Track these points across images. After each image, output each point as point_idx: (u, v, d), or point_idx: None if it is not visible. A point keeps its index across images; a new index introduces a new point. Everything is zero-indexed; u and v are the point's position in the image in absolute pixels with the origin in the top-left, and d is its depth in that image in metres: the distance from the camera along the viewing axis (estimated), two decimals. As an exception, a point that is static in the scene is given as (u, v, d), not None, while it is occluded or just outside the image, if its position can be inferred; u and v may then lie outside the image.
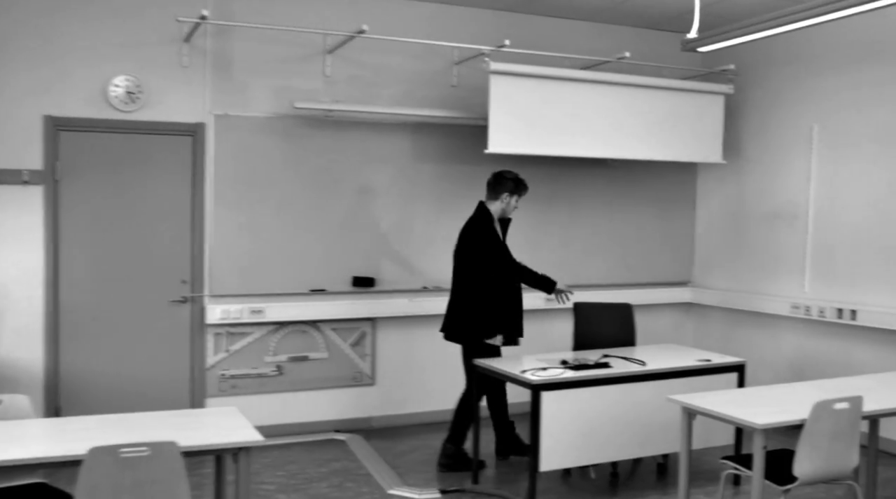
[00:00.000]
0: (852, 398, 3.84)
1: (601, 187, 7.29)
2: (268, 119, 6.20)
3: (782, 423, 3.80)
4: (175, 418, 3.86)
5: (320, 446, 6.15)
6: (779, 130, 6.86)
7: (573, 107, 6.45)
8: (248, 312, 6.16)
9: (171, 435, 3.36)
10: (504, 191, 5.47)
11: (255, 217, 6.19)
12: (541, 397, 4.74)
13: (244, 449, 3.51)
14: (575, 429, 4.87)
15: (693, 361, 5.28)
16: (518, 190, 5.49)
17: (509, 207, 5.50)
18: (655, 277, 7.58)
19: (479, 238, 5.41)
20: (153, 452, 3.15)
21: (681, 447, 4.27)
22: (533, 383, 4.73)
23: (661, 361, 5.25)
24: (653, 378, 5.07)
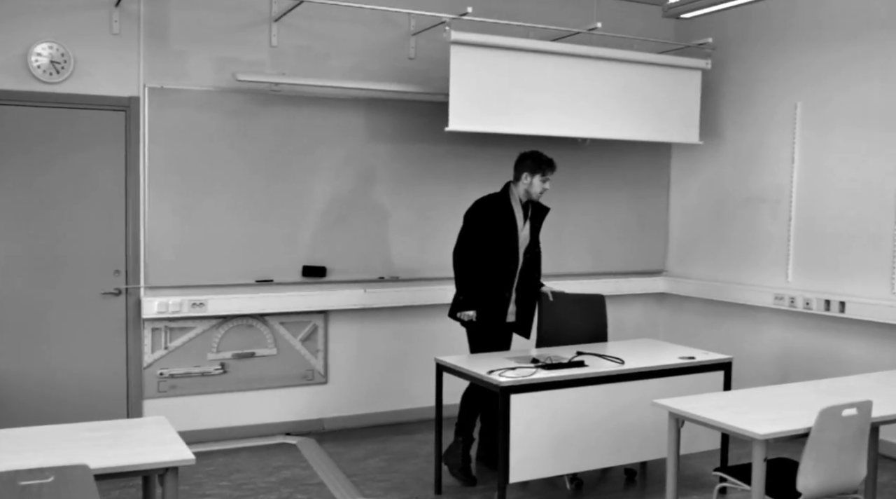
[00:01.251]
0: (861, 404, 3.43)
1: (570, 169, 6.82)
2: (208, 93, 5.64)
3: (785, 433, 3.38)
4: (92, 432, 3.31)
5: (269, 451, 5.64)
6: (759, 108, 6.45)
7: (540, 82, 5.98)
8: (189, 305, 5.62)
9: (85, 455, 2.90)
10: (523, 170, 5.05)
11: (196, 201, 5.64)
12: (510, 401, 4.28)
13: (172, 469, 2.99)
14: (547, 435, 4.42)
15: (675, 359, 4.84)
16: (539, 169, 5.01)
17: (533, 189, 5.04)
18: (627, 265, 7.15)
19: (469, 211, 5.13)
20: (59, 478, 2.63)
21: (668, 457, 3.83)
22: (501, 385, 4.27)
23: (639, 359, 4.80)
24: (632, 378, 4.63)
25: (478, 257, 5.03)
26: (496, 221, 5.04)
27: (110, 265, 5.51)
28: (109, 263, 5.51)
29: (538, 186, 5.04)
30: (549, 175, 5.04)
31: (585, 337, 5.39)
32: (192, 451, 2.83)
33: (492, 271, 5.05)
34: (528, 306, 5.23)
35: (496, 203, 5.08)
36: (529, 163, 5.04)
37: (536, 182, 5.03)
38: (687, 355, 4.90)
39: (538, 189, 5.04)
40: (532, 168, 5.02)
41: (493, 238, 5.03)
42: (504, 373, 4.37)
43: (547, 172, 5.04)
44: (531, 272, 5.23)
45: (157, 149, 5.52)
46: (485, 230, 5.03)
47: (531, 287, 5.25)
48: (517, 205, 5.09)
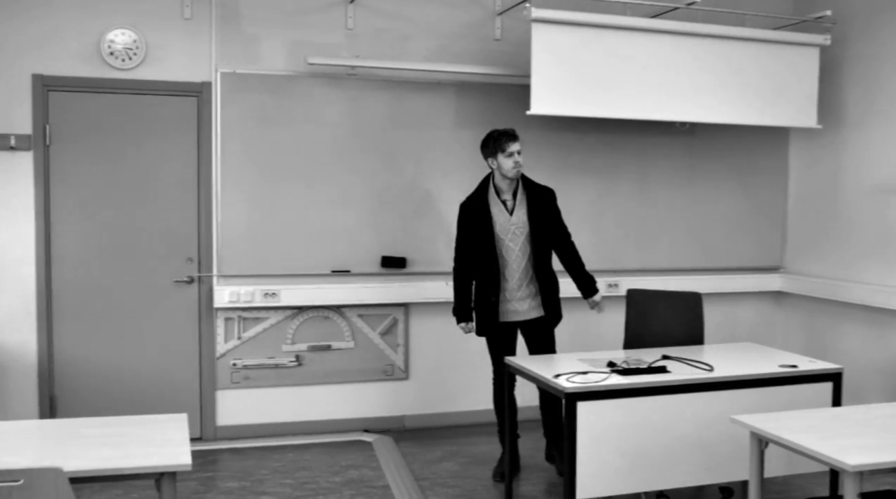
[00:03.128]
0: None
1: (672, 157, 6.30)
2: (282, 77, 5.46)
3: (883, 464, 2.86)
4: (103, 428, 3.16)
5: (342, 448, 5.43)
6: (886, 88, 5.73)
7: (634, 61, 5.49)
8: (261, 294, 5.46)
9: (80, 453, 2.79)
10: (486, 157, 4.75)
11: (269, 188, 5.47)
12: (576, 409, 3.88)
13: (168, 474, 2.78)
14: (621, 448, 3.98)
15: (774, 367, 4.29)
16: (498, 146, 4.65)
17: (504, 169, 4.66)
18: (738, 261, 6.54)
19: (457, 218, 4.88)
20: (29, 481, 2.45)
21: (750, 481, 3.36)
22: (567, 392, 3.87)
23: (733, 366, 4.29)
24: (721, 387, 4.12)
25: (465, 265, 4.82)
26: (473, 221, 4.74)
27: (183, 253, 5.42)
28: (182, 251, 5.42)
29: (507, 163, 4.64)
30: (512, 147, 4.62)
31: (678, 339, 4.89)
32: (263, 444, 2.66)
33: (479, 276, 4.81)
34: (545, 295, 4.80)
35: (472, 201, 4.78)
36: (488, 145, 4.71)
37: (503, 160, 4.65)
38: (789, 364, 4.35)
39: (509, 166, 4.63)
40: (492, 149, 4.67)
41: (473, 240, 4.75)
42: (572, 377, 3.98)
43: (507, 146, 4.62)
44: (563, 255, 4.92)
45: (230, 135, 5.38)
46: (466, 234, 4.79)
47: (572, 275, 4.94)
48: (495, 197, 4.73)
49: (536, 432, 5.11)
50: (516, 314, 4.79)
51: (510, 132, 4.65)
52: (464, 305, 4.83)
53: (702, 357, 4.43)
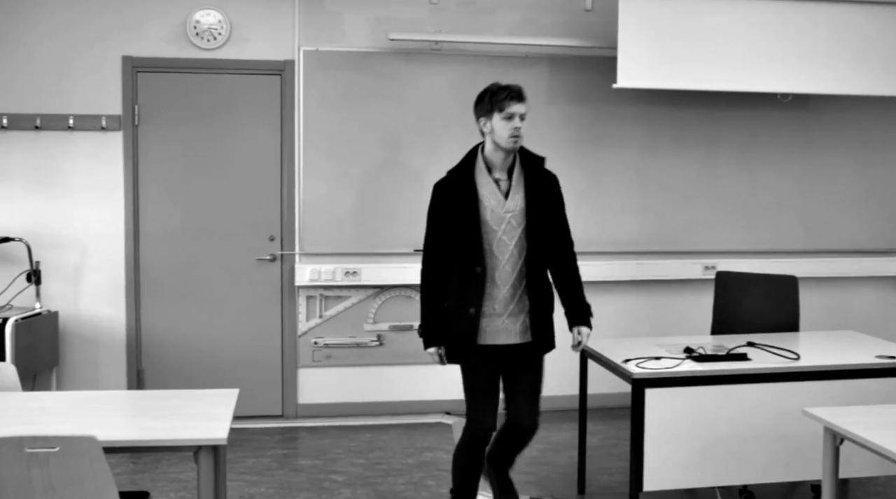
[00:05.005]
0: None
1: (777, 132, 5.90)
2: (364, 54, 5.40)
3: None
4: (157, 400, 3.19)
5: (422, 429, 5.37)
6: None
7: (730, 30, 5.17)
8: (342, 273, 5.45)
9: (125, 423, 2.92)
10: (478, 116, 3.54)
11: (351, 166, 5.44)
12: (644, 396, 3.67)
13: (206, 448, 2.76)
14: (692, 440, 3.74)
15: (870, 358, 3.95)
16: (494, 104, 3.45)
17: (499, 135, 3.46)
18: (851, 244, 6.08)
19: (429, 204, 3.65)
20: (65, 448, 2.48)
21: (823, 480, 3.08)
22: (634, 377, 3.66)
23: (824, 356, 3.97)
24: (806, 378, 3.81)
25: (439, 266, 3.58)
26: (452, 204, 3.51)
27: (265, 231, 5.46)
28: (264, 229, 5.46)
29: (503, 128, 3.43)
30: (513, 107, 3.42)
31: (771, 326, 4.57)
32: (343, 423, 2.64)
33: (457, 281, 3.55)
34: (537, 312, 3.60)
35: (452, 179, 3.59)
36: (483, 101, 3.50)
37: (499, 124, 3.43)
38: (888, 354, 3.99)
39: (506, 134, 3.43)
40: (487, 107, 3.46)
41: (452, 231, 3.52)
42: (643, 363, 3.76)
43: (506, 105, 3.42)
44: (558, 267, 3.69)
45: (312, 113, 5.37)
46: (442, 223, 3.55)
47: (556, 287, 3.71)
48: (485, 173, 3.53)
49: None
50: (506, 335, 3.57)
51: (515, 89, 3.47)
52: (435, 322, 3.58)
53: (793, 345, 4.11)
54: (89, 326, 5.32)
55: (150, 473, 4.53)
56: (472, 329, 3.52)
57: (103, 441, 2.54)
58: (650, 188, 5.74)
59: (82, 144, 5.25)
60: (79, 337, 5.30)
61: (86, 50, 5.21)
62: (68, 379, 5.30)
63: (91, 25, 5.20)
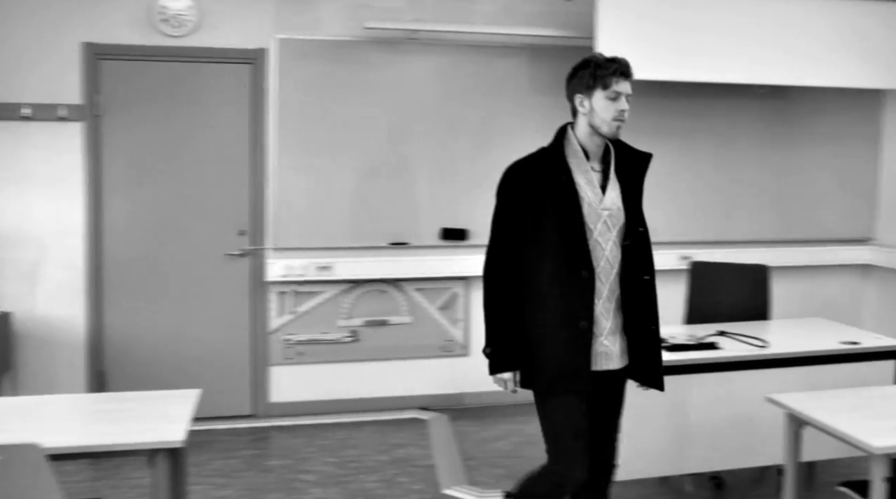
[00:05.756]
0: None
1: (754, 123, 5.88)
2: (340, 43, 5.25)
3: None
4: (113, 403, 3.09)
5: (395, 426, 5.26)
6: None
7: (709, 21, 5.13)
8: (315, 268, 5.30)
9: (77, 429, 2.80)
10: (575, 92, 2.93)
11: (325, 159, 5.29)
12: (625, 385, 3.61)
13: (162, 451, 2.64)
14: (664, 428, 3.77)
15: (834, 344, 3.99)
16: (599, 79, 2.85)
17: (601, 117, 2.87)
18: (823, 233, 6.10)
19: (499, 187, 3.03)
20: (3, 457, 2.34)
21: (786, 465, 3.07)
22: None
23: (791, 343, 4.02)
24: (773, 365, 3.86)
25: (515, 270, 2.91)
26: (541, 194, 2.88)
27: (234, 226, 5.29)
28: (233, 224, 5.29)
29: (607, 109, 2.85)
30: (620, 86, 2.85)
31: (743, 314, 4.59)
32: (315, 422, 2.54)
33: (547, 289, 2.87)
34: (643, 338, 2.97)
35: (538, 165, 2.94)
36: (582, 75, 2.89)
37: (601, 103, 2.85)
38: (852, 340, 4.01)
39: (610, 114, 2.85)
40: (587, 83, 2.87)
41: (543, 227, 2.86)
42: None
43: (612, 81, 2.84)
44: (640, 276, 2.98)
45: (285, 103, 5.20)
46: (524, 217, 2.90)
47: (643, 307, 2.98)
48: (579, 159, 2.93)
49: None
50: (606, 359, 2.93)
51: (623, 63, 2.87)
52: (512, 339, 2.91)
53: (762, 333, 4.17)
54: (46, 326, 5.10)
55: (110, 479, 4.37)
56: (584, 349, 2.85)
57: (50, 448, 2.44)
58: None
59: (39, 135, 5.01)
60: (35, 339, 5.07)
61: (43, 36, 4.97)
62: (22, 384, 5.06)
63: (49, 10, 4.97)
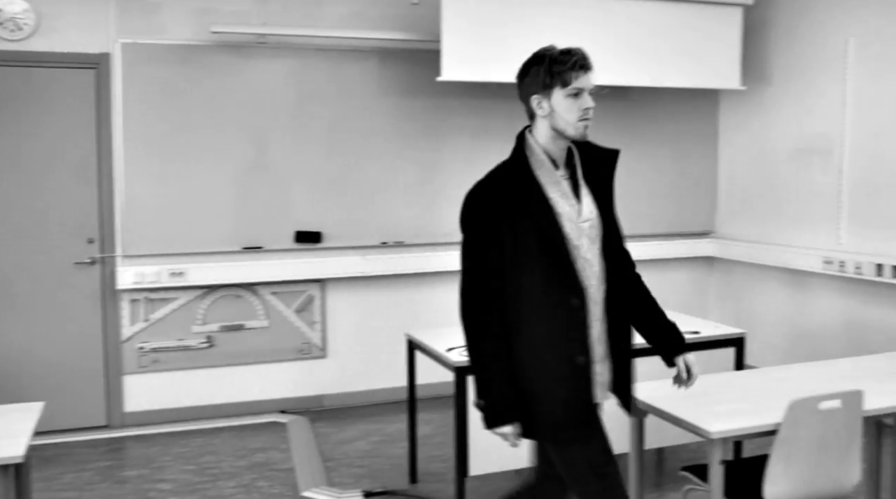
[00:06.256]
0: (847, 394, 2.73)
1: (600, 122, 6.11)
2: (187, 48, 5.24)
3: (746, 430, 2.73)
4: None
5: (254, 430, 5.26)
6: (808, 47, 5.58)
7: (550, 24, 5.29)
8: (168, 274, 5.27)
9: None
10: (531, 92, 2.58)
11: (175, 164, 5.26)
12: (467, 383, 3.73)
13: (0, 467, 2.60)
14: (516, 422, 3.84)
15: (679, 333, 4.17)
16: (556, 77, 2.51)
17: (564, 119, 2.53)
18: (669, 227, 6.41)
19: (464, 213, 2.70)
20: None
21: (630, 452, 3.22)
22: (456, 366, 3.72)
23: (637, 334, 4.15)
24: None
25: (499, 304, 2.56)
26: (515, 218, 2.53)
27: (83, 233, 5.21)
28: (82, 231, 5.20)
29: (570, 107, 2.52)
30: (580, 81, 2.51)
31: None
32: (172, 430, 2.47)
33: (536, 323, 2.55)
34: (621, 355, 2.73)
35: (503, 185, 2.60)
36: (537, 72, 2.54)
37: (562, 102, 2.51)
38: (693, 330, 4.22)
39: (574, 114, 2.52)
40: (543, 81, 2.53)
41: (521, 254, 2.52)
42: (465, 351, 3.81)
43: (572, 77, 2.50)
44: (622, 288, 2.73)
45: (132, 108, 5.16)
46: (500, 245, 2.54)
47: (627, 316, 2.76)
48: (547, 170, 2.59)
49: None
50: (602, 390, 2.69)
51: (581, 54, 2.52)
52: (508, 387, 2.53)
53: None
54: None
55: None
56: (585, 387, 2.57)
57: None
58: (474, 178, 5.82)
59: None
60: None
61: None
62: None
63: None
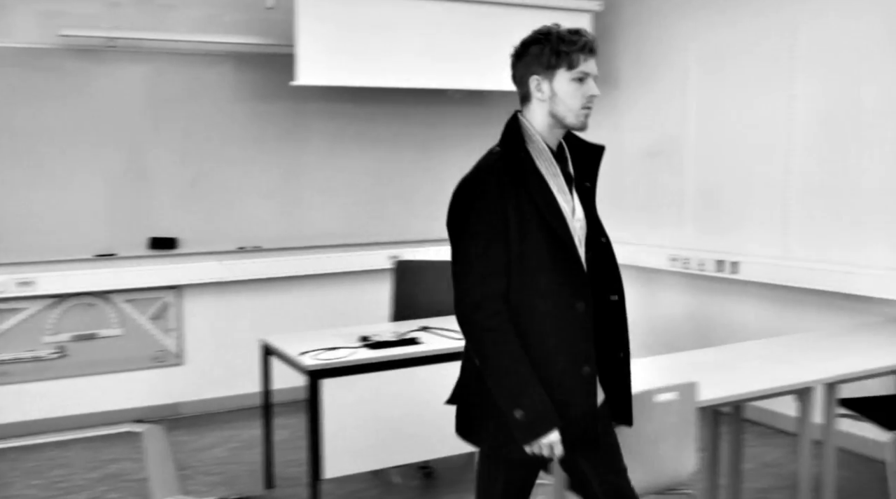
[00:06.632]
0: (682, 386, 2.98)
1: (458, 126, 6.30)
2: (34, 51, 5.10)
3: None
4: None
5: (108, 441, 5.16)
6: (656, 54, 5.93)
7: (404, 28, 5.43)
8: (14, 284, 5.10)
9: None
10: (530, 72, 2.36)
11: (23, 170, 5.11)
12: (320, 387, 3.79)
13: None
14: (369, 424, 3.94)
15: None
16: (561, 57, 2.29)
17: (569, 105, 2.32)
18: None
19: (455, 208, 2.49)
20: None
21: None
22: (309, 370, 3.78)
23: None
24: (470, 357, 4.13)
25: (504, 306, 2.28)
26: (517, 212, 2.28)
27: (-80, 241, 5.00)
28: (-81, 239, 5.00)
29: (575, 93, 2.30)
30: (587, 65, 2.30)
31: (448, 309, 4.81)
32: (21, 444, 2.37)
33: (540, 329, 2.30)
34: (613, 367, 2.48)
35: (501, 173, 2.33)
36: (541, 53, 2.32)
37: (566, 86, 2.30)
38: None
39: (579, 101, 2.31)
40: (547, 61, 2.31)
41: (525, 252, 2.27)
42: (319, 354, 3.89)
43: (579, 60, 2.29)
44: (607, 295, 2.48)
45: (-28, 111, 4.99)
46: (503, 242, 2.27)
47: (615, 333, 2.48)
48: (547, 160, 2.37)
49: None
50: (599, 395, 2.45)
51: (588, 36, 2.32)
52: (542, 392, 2.26)
53: (463, 327, 4.42)
54: None
55: None
56: (592, 400, 2.34)
57: None
58: (337, 183, 5.91)
59: None
60: None
61: None
62: None
63: None
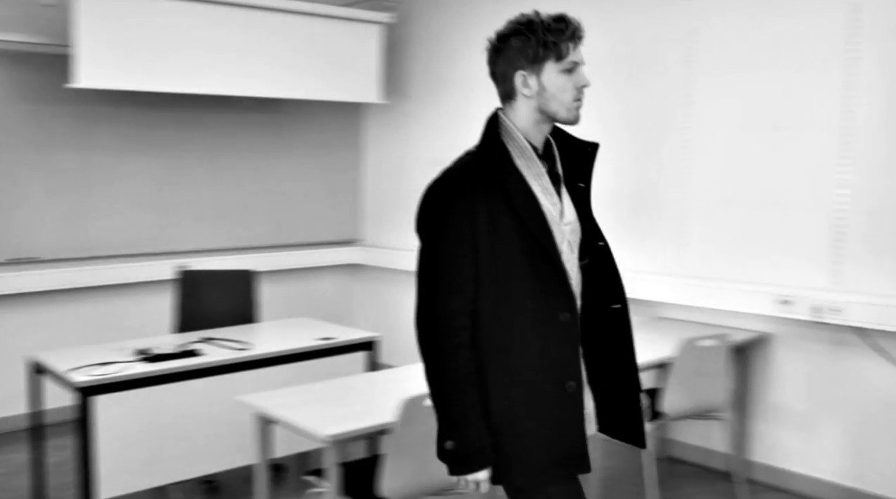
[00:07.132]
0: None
1: (246, 134, 6.19)
2: None
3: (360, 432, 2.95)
4: None
5: None
6: (444, 66, 6.06)
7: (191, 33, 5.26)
8: None
9: None
10: (515, 66, 2.13)
11: None
12: (92, 403, 3.60)
13: None
14: (147, 440, 3.79)
15: (312, 341, 4.32)
16: (548, 49, 2.08)
17: (560, 99, 2.12)
18: (316, 236, 6.61)
19: (424, 212, 2.16)
20: None
21: (257, 462, 3.30)
22: (78, 386, 3.57)
23: (274, 343, 4.25)
24: (256, 366, 4.06)
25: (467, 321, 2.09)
26: (494, 216, 2.08)
27: None
28: None
29: (566, 86, 2.11)
30: (575, 54, 2.11)
31: (231, 319, 4.80)
32: None
33: (518, 344, 2.11)
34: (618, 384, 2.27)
35: (481, 172, 2.11)
36: (525, 45, 2.10)
37: (555, 79, 2.10)
38: (328, 336, 4.41)
39: (570, 94, 2.12)
40: (535, 52, 2.10)
41: (501, 259, 2.08)
42: (92, 370, 3.69)
43: (569, 49, 2.09)
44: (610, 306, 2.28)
45: None
46: (476, 249, 2.08)
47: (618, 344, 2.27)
48: (529, 159, 2.16)
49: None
50: (589, 423, 2.25)
51: (573, 22, 2.11)
52: (482, 427, 2.08)
53: (248, 336, 4.36)
54: None
55: None
56: (577, 419, 2.15)
57: None
58: (118, 190, 5.65)
59: None
60: None
61: None
62: None
63: None
